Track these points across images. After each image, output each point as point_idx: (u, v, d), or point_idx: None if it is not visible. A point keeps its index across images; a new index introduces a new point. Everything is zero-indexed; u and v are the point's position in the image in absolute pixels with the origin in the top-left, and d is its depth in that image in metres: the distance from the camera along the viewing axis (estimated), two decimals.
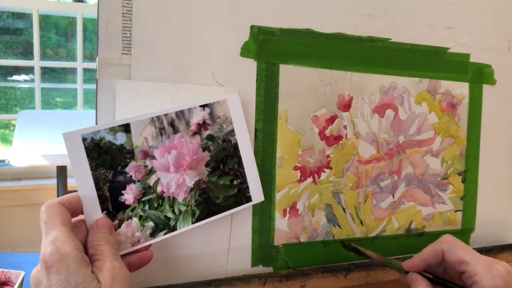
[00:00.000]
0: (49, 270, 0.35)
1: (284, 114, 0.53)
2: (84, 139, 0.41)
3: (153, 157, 0.44)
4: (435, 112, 0.61)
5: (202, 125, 0.47)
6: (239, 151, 0.48)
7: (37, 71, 2.02)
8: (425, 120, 0.60)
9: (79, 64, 2.09)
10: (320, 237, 0.56)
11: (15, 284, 0.68)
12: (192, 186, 0.46)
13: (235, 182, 0.48)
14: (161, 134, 0.45)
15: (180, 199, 0.45)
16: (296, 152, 0.54)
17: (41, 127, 1.66)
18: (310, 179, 0.55)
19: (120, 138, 0.43)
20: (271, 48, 0.51)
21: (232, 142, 0.48)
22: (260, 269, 0.53)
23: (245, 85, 0.51)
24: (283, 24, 0.52)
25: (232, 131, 0.48)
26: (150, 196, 0.44)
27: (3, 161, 2.00)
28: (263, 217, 0.53)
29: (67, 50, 2.21)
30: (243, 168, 0.49)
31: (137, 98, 0.46)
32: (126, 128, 0.43)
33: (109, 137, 0.42)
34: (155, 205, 0.45)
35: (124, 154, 0.43)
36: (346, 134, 0.56)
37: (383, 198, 0.59)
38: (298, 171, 0.54)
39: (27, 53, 2.07)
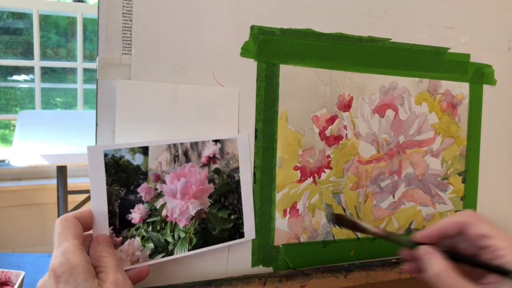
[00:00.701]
0: (58, 280, 0.36)
1: (284, 114, 0.53)
2: (105, 155, 0.44)
3: (164, 182, 0.46)
4: (435, 112, 0.61)
5: (212, 159, 0.49)
6: (240, 188, 0.51)
7: (37, 71, 2.02)
8: (425, 120, 0.60)
9: (79, 64, 2.09)
10: (320, 237, 0.56)
11: (15, 284, 0.68)
12: (194, 215, 0.48)
13: (232, 217, 0.50)
14: (175, 161, 0.47)
15: (181, 225, 0.47)
16: (296, 152, 0.54)
17: (41, 127, 1.66)
18: (310, 179, 0.55)
19: (137, 159, 0.45)
20: (271, 48, 0.51)
21: (236, 179, 0.50)
22: (260, 269, 0.53)
23: (245, 85, 0.51)
24: (283, 24, 0.52)
25: (237, 168, 0.50)
26: (155, 218, 0.46)
27: (3, 161, 2.00)
28: (263, 217, 0.53)
29: (67, 50, 2.21)
30: (241, 205, 0.51)
31: (137, 98, 0.46)
32: (144, 150, 0.46)
33: (128, 157, 0.45)
34: (158, 227, 0.46)
35: (138, 175, 0.46)
36: (346, 134, 0.56)
37: (383, 198, 0.59)
38: (298, 171, 0.54)
39: (27, 53, 2.07)
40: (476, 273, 0.42)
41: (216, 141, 0.49)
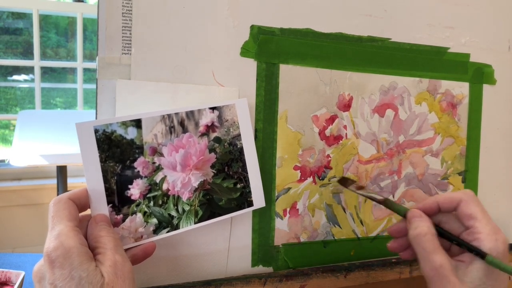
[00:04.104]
0: (53, 264, 0.34)
1: (284, 114, 0.53)
2: (96, 131, 0.42)
3: (161, 154, 0.45)
4: (435, 112, 0.61)
5: (210, 127, 0.47)
6: (244, 155, 0.49)
7: (37, 71, 2.02)
8: (425, 120, 0.60)
9: (79, 64, 2.09)
10: (320, 237, 0.56)
11: (15, 284, 0.68)
12: (197, 186, 0.46)
13: (238, 186, 0.49)
14: (171, 133, 0.45)
15: (184, 198, 0.46)
16: (296, 152, 0.54)
17: (41, 127, 1.66)
18: (310, 179, 0.55)
19: (131, 133, 0.44)
20: (271, 48, 0.51)
21: (238, 146, 0.49)
22: (260, 269, 0.53)
23: (245, 85, 0.51)
24: (283, 24, 0.52)
25: (239, 135, 0.49)
26: (156, 193, 0.45)
27: (3, 161, 2.00)
28: (263, 217, 0.53)
29: (67, 50, 2.21)
30: (247, 173, 0.49)
31: (137, 98, 0.46)
32: (137, 123, 0.44)
33: (120, 131, 0.43)
34: (160, 202, 0.45)
35: (133, 149, 0.44)
36: (346, 134, 0.56)
37: None
38: (298, 171, 0.54)
39: (27, 53, 2.07)
40: (455, 251, 0.45)
41: (213, 108, 0.47)
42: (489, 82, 0.64)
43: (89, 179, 0.42)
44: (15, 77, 2.17)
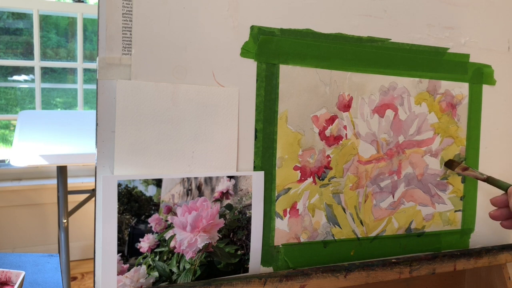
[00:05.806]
0: None
1: (284, 114, 0.53)
2: (119, 185, 0.45)
3: (175, 214, 0.48)
4: (434, 112, 0.61)
5: (225, 194, 0.50)
6: (251, 225, 0.51)
7: (37, 71, 2.02)
8: (425, 120, 0.61)
9: (79, 64, 2.09)
10: (320, 237, 0.56)
11: (15, 284, 0.68)
12: (201, 248, 0.49)
13: (238, 253, 0.51)
14: (187, 195, 0.48)
15: (187, 257, 0.49)
16: (296, 152, 0.54)
17: (41, 127, 1.65)
18: (310, 179, 0.55)
19: (150, 190, 0.47)
20: (271, 48, 0.52)
21: (247, 215, 0.51)
22: (260, 269, 0.53)
23: (245, 85, 0.51)
24: (283, 24, 0.52)
25: (250, 205, 0.51)
26: (163, 249, 0.47)
27: (3, 161, 2.00)
28: (263, 217, 0.53)
29: (67, 50, 2.21)
30: (250, 241, 0.52)
31: (137, 98, 0.47)
32: (158, 182, 0.47)
33: (141, 188, 0.46)
34: (165, 258, 0.48)
35: (150, 206, 0.47)
36: (346, 134, 0.56)
37: (383, 198, 0.59)
38: (298, 171, 0.54)
39: (27, 53, 2.07)
40: None
41: (230, 177, 0.50)
42: (488, 83, 0.64)
43: (104, 227, 0.44)
44: (15, 77, 2.17)
